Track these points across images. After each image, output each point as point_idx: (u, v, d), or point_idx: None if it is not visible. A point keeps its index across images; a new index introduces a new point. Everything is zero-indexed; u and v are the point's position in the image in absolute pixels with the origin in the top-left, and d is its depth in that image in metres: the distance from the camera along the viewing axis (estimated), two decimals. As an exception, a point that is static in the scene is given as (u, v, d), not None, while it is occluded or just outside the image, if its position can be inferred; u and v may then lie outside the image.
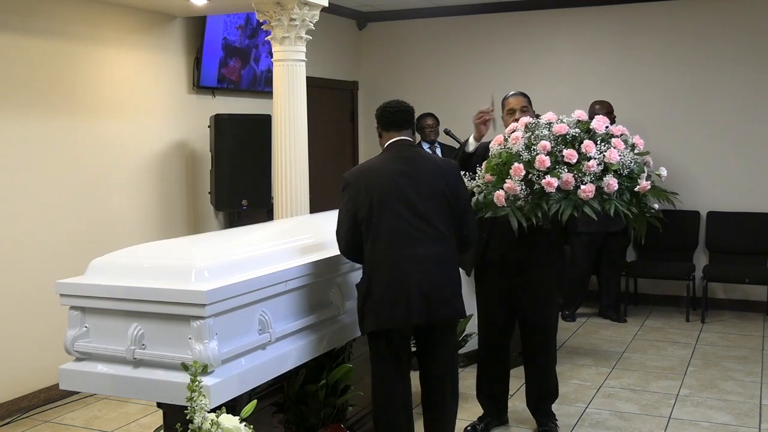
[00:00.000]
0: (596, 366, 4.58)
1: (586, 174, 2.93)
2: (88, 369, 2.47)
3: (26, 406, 3.91)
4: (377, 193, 2.77)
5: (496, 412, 3.62)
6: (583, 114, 3.14)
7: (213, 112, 4.99)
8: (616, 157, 2.94)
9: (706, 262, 5.94)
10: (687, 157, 5.93)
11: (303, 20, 4.12)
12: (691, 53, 5.97)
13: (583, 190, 2.90)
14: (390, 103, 2.98)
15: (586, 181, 2.92)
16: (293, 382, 2.89)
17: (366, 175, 2.83)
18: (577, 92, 6.14)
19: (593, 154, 2.94)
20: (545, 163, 2.93)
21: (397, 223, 2.76)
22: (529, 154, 2.98)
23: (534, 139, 3.02)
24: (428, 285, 2.78)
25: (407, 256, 2.76)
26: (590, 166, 2.92)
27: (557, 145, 2.99)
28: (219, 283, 2.38)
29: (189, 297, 2.31)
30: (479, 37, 6.60)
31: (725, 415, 3.76)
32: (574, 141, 2.99)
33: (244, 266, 2.57)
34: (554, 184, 2.90)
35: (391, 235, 2.76)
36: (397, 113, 2.92)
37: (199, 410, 2.08)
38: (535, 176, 2.94)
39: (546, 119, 3.10)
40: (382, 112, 2.95)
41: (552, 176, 2.91)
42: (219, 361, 2.33)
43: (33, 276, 3.90)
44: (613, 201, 2.93)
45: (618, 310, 5.69)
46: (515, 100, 3.42)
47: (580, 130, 3.03)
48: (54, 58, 4.07)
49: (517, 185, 2.95)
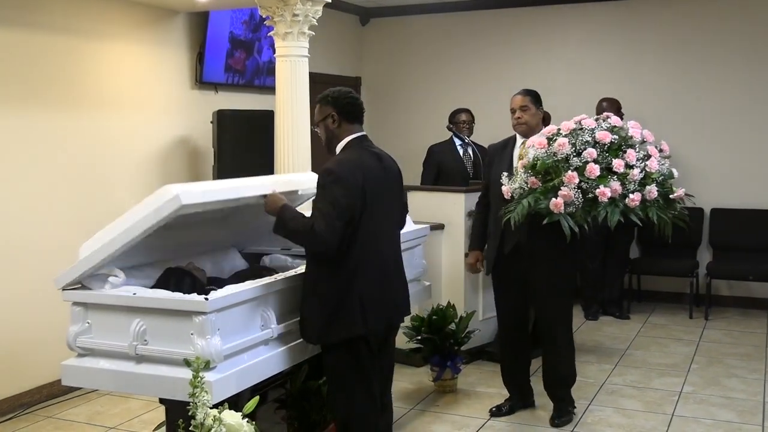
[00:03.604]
0: (599, 363, 4.57)
1: (630, 182, 3.10)
2: (91, 365, 2.47)
3: (28, 402, 3.91)
4: (370, 192, 2.63)
5: (520, 395, 3.75)
6: (618, 120, 3.29)
7: (216, 107, 4.98)
8: (655, 166, 3.14)
9: (709, 258, 5.91)
10: (691, 154, 5.89)
11: (306, 16, 4.11)
12: (696, 49, 5.94)
13: (631, 199, 3.09)
14: (349, 92, 2.73)
15: (631, 189, 3.10)
16: (296, 378, 2.88)
17: (359, 171, 2.61)
18: (582, 88, 6.12)
19: (635, 162, 3.13)
20: (595, 172, 3.10)
21: (384, 224, 2.72)
22: (579, 160, 3.13)
23: (580, 145, 3.17)
24: (401, 285, 2.83)
25: (389, 257, 2.75)
26: (634, 175, 3.10)
27: (601, 152, 3.15)
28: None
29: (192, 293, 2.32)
30: (483, 33, 6.58)
31: (728, 412, 3.75)
32: (620, 147, 3.18)
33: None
34: (607, 194, 3.08)
35: (380, 235, 2.68)
36: (360, 106, 2.73)
37: (201, 406, 2.09)
38: (586, 184, 3.09)
39: (587, 125, 3.23)
40: (346, 101, 2.69)
41: (604, 186, 3.08)
42: (221, 357, 2.32)
43: (35, 271, 3.89)
44: (653, 207, 3.12)
45: (621, 307, 5.68)
46: (515, 99, 3.56)
47: (619, 137, 3.19)
48: (55, 54, 4.06)
49: (573, 192, 3.09)
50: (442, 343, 3.99)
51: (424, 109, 6.75)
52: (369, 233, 2.63)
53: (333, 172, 2.58)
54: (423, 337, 4.01)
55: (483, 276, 4.55)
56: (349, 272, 2.60)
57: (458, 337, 4.02)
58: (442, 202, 4.47)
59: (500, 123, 5.99)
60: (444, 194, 4.56)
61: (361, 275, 2.60)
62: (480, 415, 3.73)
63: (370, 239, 2.63)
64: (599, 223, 3.17)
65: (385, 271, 2.72)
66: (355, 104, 2.72)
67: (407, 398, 3.97)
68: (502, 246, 3.52)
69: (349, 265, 2.59)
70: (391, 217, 2.79)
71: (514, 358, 3.70)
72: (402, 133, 6.68)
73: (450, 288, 4.44)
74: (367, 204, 2.62)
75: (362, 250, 2.61)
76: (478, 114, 5.40)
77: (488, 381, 4.21)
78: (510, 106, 3.55)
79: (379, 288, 2.67)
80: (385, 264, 2.72)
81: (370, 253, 2.64)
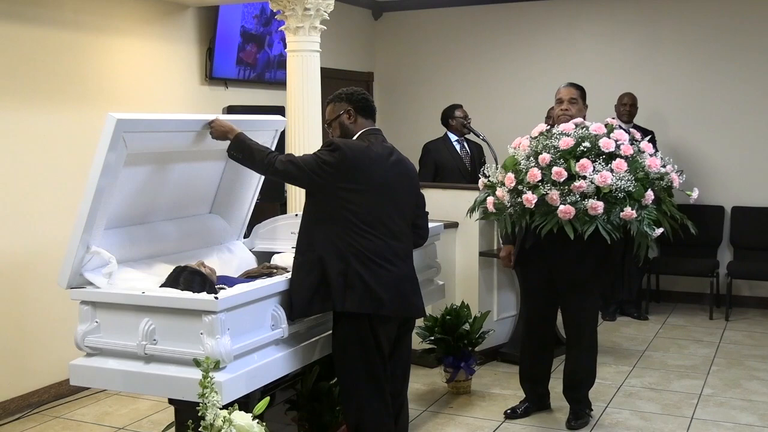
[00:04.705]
0: (616, 364, 4.52)
1: (572, 193, 3.01)
2: (99, 364, 2.46)
3: (36, 402, 3.89)
4: (366, 176, 2.60)
5: (537, 397, 3.70)
6: (601, 127, 3.19)
7: (226, 103, 4.97)
8: (608, 180, 3.00)
9: (730, 258, 5.82)
10: (711, 151, 5.80)
11: (317, 10, 4.07)
12: (715, 44, 5.84)
13: (561, 210, 3.01)
14: (362, 90, 2.82)
15: (569, 201, 3.00)
16: (307, 378, 2.86)
17: (362, 154, 2.61)
18: (597, 84, 6.00)
19: (588, 173, 3.02)
20: (536, 177, 3.05)
21: (387, 216, 2.65)
22: (527, 164, 3.10)
23: (542, 149, 3.12)
24: (410, 281, 2.78)
25: (396, 252, 2.68)
26: (579, 186, 2.99)
27: (558, 159, 3.08)
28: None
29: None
30: (497, 27, 6.52)
31: (750, 415, 3.69)
32: (582, 155, 3.08)
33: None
34: (532, 201, 3.04)
35: (377, 225, 2.62)
36: (373, 103, 2.81)
37: (211, 407, 2.08)
38: (525, 188, 3.09)
39: (594, 130, 3.16)
40: (361, 97, 2.76)
41: (535, 192, 3.03)
42: (231, 357, 2.30)
43: (42, 269, 3.86)
44: (597, 222, 3.01)
45: (639, 307, 5.62)
46: (565, 90, 3.53)
47: (591, 145, 3.09)
48: (63, 49, 4.04)
49: (506, 194, 3.14)
50: (455, 343, 3.94)
51: (438, 105, 6.60)
52: (366, 219, 2.58)
53: (334, 143, 2.62)
54: (436, 337, 3.97)
55: (497, 275, 4.55)
56: (334, 253, 2.57)
57: (472, 337, 3.98)
58: (455, 200, 4.41)
59: (513, 118, 5.96)
60: (458, 192, 4.50)
61: (352, 258, 2.56)
62: (495, 418, 3.69)
63: (365, 225, 2.58)
64: (531, 229, 3.16)
65: (386, 261, 2.62)
66: (369, 101, 2.80)
67: (420, 400, 3.93)
68: (525, 241, 3.48)
69: (339, 246, 2.57)
70: (401, 212, 2.72)
71: (536, 360, 3.64)
72: (416, 130, 6.61)
73: (464, 287, 4.39)
74: (363, 188, 2.59)
75: (354, 234, 2.57)
76: (491, 109, 5.36)
77: (503, 382, 4.17)
78: (556, 96, 3.54)
79: (373, 275, 2.58)
80: (383, 255, 2.62)
81: (365, 239, 2.58)
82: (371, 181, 2.61)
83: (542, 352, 3.64)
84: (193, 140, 2.76)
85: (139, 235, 2.82)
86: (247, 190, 3.23)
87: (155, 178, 2.79)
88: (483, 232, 4.42)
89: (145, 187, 2.77)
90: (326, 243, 2.58)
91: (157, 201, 2.88)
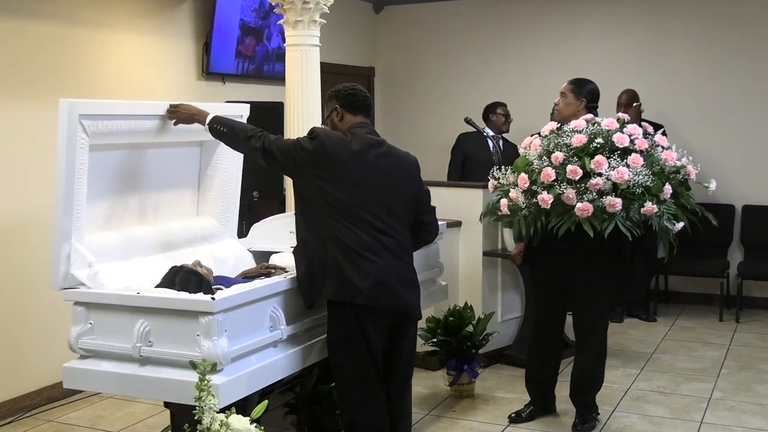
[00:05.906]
0: (624, 367, 4.48)
1: (589, 191, 2.97)
2: (93, 367, 2.45)
3: (29, 405, 3.86)
4: (343, 167, 2.59)
5: (542, 401, 3.67)
6: (613, 123, 3.15)
7: (223, 99, 4.92)
8: (625, 176, 2.95)
9: (741, 258, 5.76)
10: (721, 148, 5.74)
11: (317, 3, 4.03)
12: (724, 39, 5.78)
13: (578, 208, 2.97)
14: (351, 85, 2.82)
15: (584, 199, 2.97)
16: (306, 381, 2.84)
17: (341, 144, 2.62)
18: (602, 79, 5.89)
19: (603, 170, 2.98)
20: (551, 177, 3.01)
21: (369, 210, 2.61)
22: (540, 164, 3.07)
23: (554, 147, 3.08)
24: (403, 279, 2.74)
25: (385, 246, 2.64)
26: (596, 184, 2.96)
27: (571, 157, 3.04)
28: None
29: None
30: (500, 21, 6.47)
31: (760, 419, 3.65)
32: (596, 152, 3.02)
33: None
34: (548, 201, 3.00)
35: (357, 221, 2.59)
36: (362, 97, 2.79)
37: (207, 410, 2.07)
38: (539, 188, 3.05)
39: (606, 125, 3.12)
40: (347, 92, 2.77)
41: (551, 192, 2.99)
42: (228, 359, 2.29)
43: (36, 270, 3.81)
44: (616, 220, 2.97)
45: (647, 309, 5.57)
46: (566, 86, 3.51)
47: (604, 140, 3.05)
48: (58, 44, 4.00)
49: (520, 195, 3.10)
50: (459, 345, 3.90)
51: (440, 101, 6.66)
52: (344, 212, 2.57)
53: (315, 131, 2.66)
54: (439, 339, 3.93)
55: (502, 275, 4.51)
56: (316, 240, 2.61)
57: (476, 339, 3.93)
58: (459, 198, 4.36)
59: (519, 114, 5.88)
60: (461, 190, 4.46)
61: (332, 245, 2.57)
62: (499, 422, 3.65)
63: (344, 217, 2.57)
64: (546, 230, 3.09)
65: (371, 252, 2.58)
66: (356, 95, 2.78)
67: (422, 403, 3.89)
68: (532, 239, 3.43)
69: (320, 233, 2.60)
70: (386, 207, 2.66)
71: (543, 363, 3.60)
72: (417, 125, 6.60)
73: (467, 288, 4.34)
74: (338, 182, 2.58)
75: (335, 222, 2.57)
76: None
77: (507, 386, 4.14)
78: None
79: (351, 264, 2.55)
80: (367, 247, 2.58)
81: (347, 229, 2.57)
82: (346, 176, 2.60)
83: (550, 354, 3.60)
84: (162, 129, 2.78)
85: (126, 236, 2.78)
86: (230, 184, 3.21)
87: (134, 176, 2.81)
88: (487, 232, 4.37)
89: (125, 185, 2.78)
90: (309, 230, 2.64)
91: (140, 200, 2.88)
